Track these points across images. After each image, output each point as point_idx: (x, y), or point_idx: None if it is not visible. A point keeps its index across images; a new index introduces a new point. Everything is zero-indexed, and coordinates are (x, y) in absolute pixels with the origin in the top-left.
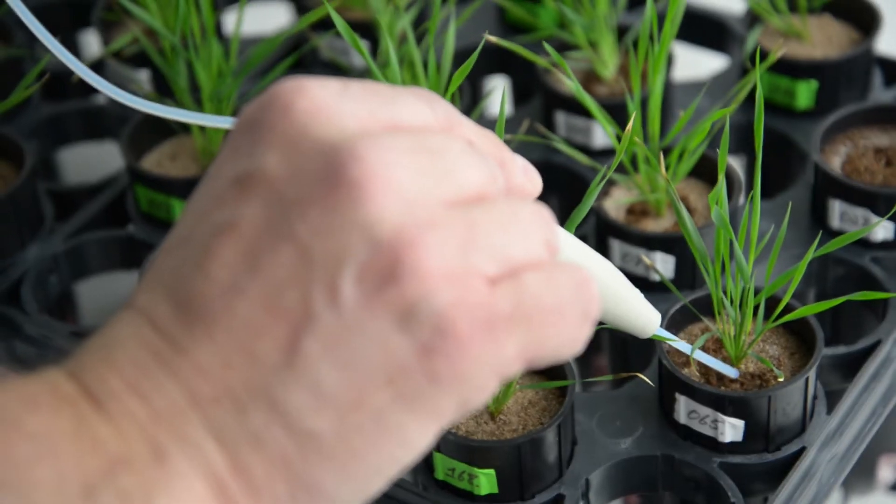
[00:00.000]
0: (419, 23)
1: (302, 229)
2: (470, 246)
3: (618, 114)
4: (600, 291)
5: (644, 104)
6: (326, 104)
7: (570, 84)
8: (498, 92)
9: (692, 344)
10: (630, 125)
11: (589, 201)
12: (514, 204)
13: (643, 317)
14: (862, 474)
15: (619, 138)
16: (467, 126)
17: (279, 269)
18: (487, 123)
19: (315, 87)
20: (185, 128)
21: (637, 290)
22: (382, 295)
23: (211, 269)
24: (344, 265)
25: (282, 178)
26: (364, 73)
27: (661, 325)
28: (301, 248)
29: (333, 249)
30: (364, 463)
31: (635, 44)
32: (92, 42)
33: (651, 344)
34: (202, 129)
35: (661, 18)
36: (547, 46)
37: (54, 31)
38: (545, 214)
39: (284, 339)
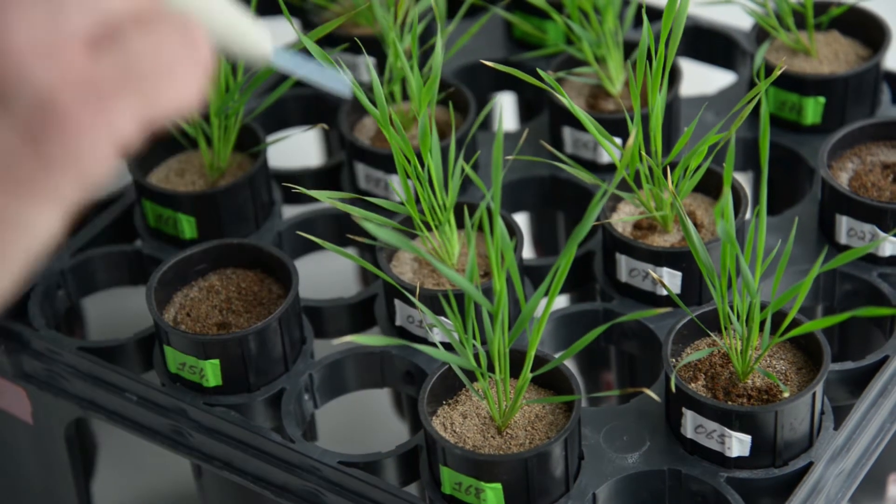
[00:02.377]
0: (427, 38)
1: None
2: (58, 9)
3: (624, 129)
4: (208, 19)
5: (646, 121)
6: None
7: (567, 102)
8: (504, 108)
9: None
10: (630, 142)
11: (590, 219)
12: None
13: (254, 39)
14: (870, 491)
15: (620, 154)
16: None
17: None
18: (493, 138)
19: None
20: (192, 143)
21: (244, 14)
22: None
23: None
24: None
25: None
26: (369, 88)
27: (669, 338)
28: None
29: None
30: None
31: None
32: None
33: (658, 360)
34: (209, 144)
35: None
36: (541, 72)
37: None
38: None
39: None
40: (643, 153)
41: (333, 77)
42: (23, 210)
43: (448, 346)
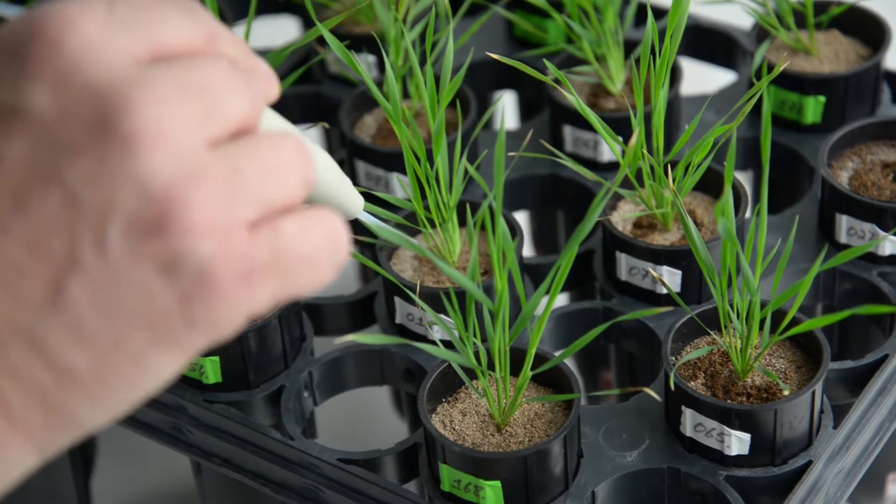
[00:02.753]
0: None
1: (72, 175)
2: (234, 196)
3: (625, 128)
4: (330, 186)
5: (649, 119)
6: (95, 39)
7: (572, 99)
8: (505, 106)
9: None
10: (633, 140)
11: (592, 218)
12: (276, 142)
13: (354, 203)
14: (869, 490)
15: (623, 153)
16: (225, 36)
17: (46, 212)
18: (494, 137)
19: (83, 17)
20: None
21: (349, 179)
22: (149, 246)
23: None
24: (113, 215)
25: (51, 118)
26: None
27: (669, 337)
28: (70, 194)
29: (103, 199)
30: (117, 394)
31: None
32: None
33: (658, 358)
34: None
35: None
36: (548, 64)
37: None
38: (303, 150)
39: (48, 281)
40: (644, 151)
41: (399, 236)
42: (158, 358)
43: (448, 344)
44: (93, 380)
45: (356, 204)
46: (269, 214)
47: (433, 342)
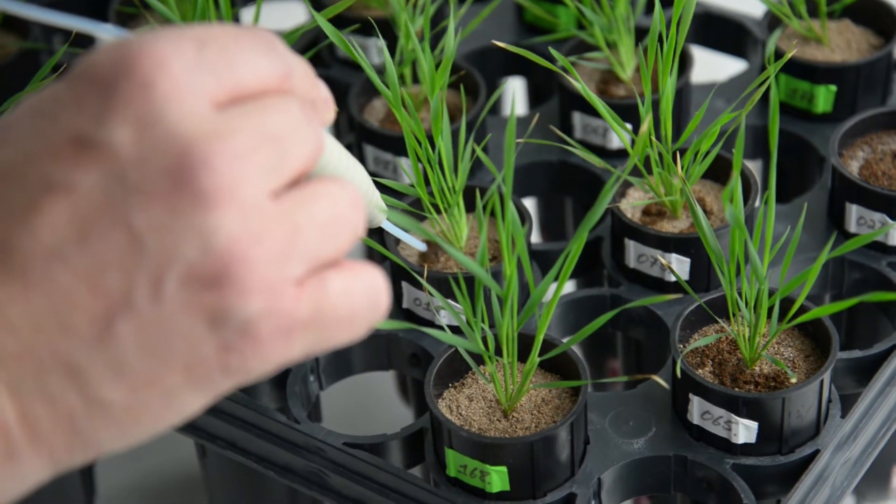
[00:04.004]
0: (438, 21)
1: (140, 219)
2: (290, 256)
3: (634, 115)
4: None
5: (658, 106)
6: (183, 83)
7: (579, 86)
8: (515, 92)
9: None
10: (644, 128)
11: (602, 204)
12: (334, 196)
13: (380, 207)
14: (875, 482)
15: (631, 140)
16: (297, 71)
17: (108, 250)
18: (502, 123)
19: (174, 57)
20: None
21: (378, 192)
22: (202, 298)
23: (37, 228)
24: (173, 264)
25: (129, 158)
26: (380, 70)
27: (677, 324)
28: (134, 237)
29: (166, 247)
30: (142, 427)
31: None
32: None
33: (665, 345)
34: None
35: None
36: (554, 52)
37: None
38: (358, 201)
39: (99, 316)
40: (653, 138)
41: (415, 240)
42: (188, 397)
43: (455, 329)
44: (123, 414)
45: (382, 214)
46: (317, 269)
47: (440, 327)
